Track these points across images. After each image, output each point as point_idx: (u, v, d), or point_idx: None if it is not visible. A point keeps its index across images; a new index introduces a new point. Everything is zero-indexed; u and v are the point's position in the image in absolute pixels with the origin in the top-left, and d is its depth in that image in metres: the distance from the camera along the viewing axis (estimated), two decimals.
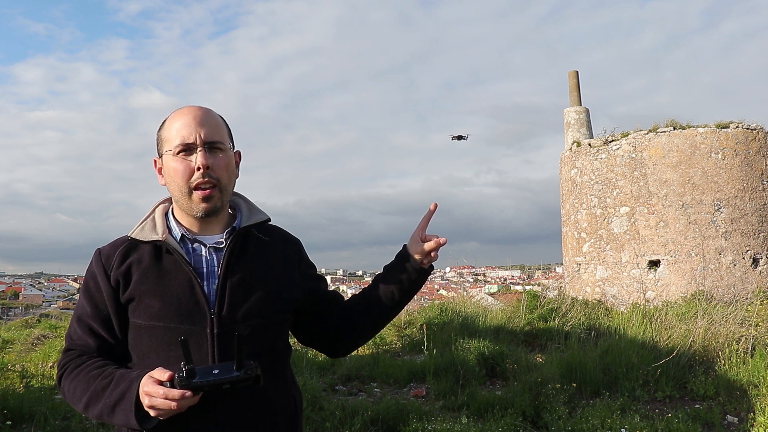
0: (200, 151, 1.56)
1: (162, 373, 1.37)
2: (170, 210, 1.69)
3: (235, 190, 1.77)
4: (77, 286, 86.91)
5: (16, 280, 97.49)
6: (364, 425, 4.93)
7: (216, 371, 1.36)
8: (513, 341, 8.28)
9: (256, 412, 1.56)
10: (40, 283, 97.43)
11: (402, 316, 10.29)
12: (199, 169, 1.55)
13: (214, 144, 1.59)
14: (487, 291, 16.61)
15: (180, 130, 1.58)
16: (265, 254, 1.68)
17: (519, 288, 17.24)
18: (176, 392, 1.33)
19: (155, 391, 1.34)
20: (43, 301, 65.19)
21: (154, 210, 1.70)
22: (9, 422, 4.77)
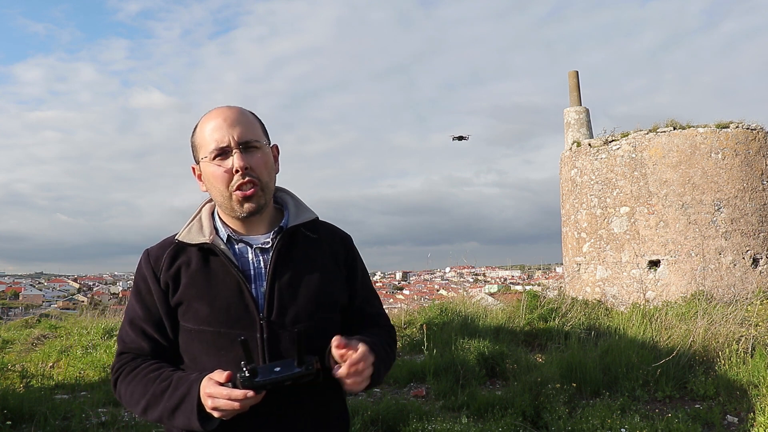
0: (236, 152, 1.53)
1: (221, 375, 1.37)
2: (216, 210, 1.67)
3: (282, 186, 1.75)
4: (77, 286, 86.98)
5: (16, 280, 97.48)
6: (364, 425, 4.93)
7: (277, 369, 1.36)
8: (513, 341, 8.28)
9: (310, 414, 1.54)
10: (40, 283, 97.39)
11: (402, 316, 10.29)
12: (237, 171, 1.52)
13: (249, 143, 1.56)
14: (487, 291, 16.60)
15: (212, 134, 1.55)
16: (313, 253, 1.64)
17: (519, 288, 17.24)
18: (239, 392, 1.33)
19: (218, 392, 1.34)
20: (43, 301, 65.17)
21: (200, 210, 1.67)
22: (9, 422, 4.76)
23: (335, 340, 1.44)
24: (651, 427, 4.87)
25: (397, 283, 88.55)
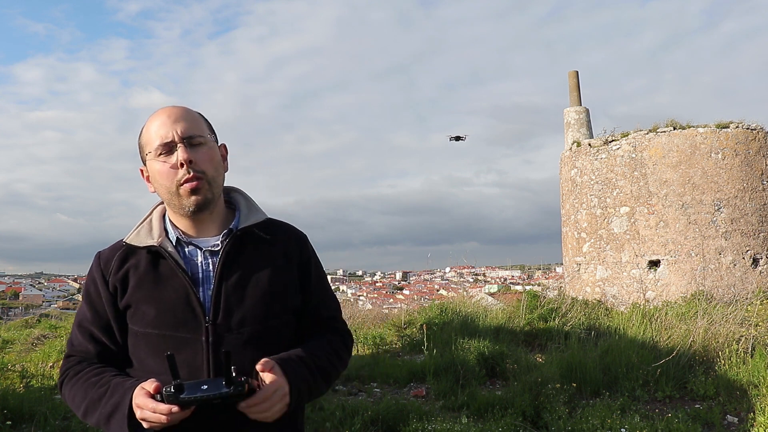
0: (180, 146, 1.52)
1: (150, 384, 1.37)
2: (167, 212, 1.66)
3: (235, 186, 1.74)
4: (77, 286, 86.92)
5: (16, 280, 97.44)
6: (364, 425, 4.93)
7: (204, 387, 1.34)
8: (513, 341, 8.28)
9: (251, 423, 1.49)
10: (40, 283, 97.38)
11: (402, 316, 10.29)
12: (182, 165, 1.52)
13: (193, 138, 1.55)
14: (487, 291, 16.60)
15: (157, 131, 1.54)
16: (265, 255, 1.62)
17: (519, 288, 17.24)
18: (164, 407, 1.32)
19: (144, 403, 1.34)
20: (43, 301, 65.16)
21: (151, 212, 1.67)
22: (9, 422, 4.76)
23: (260, 365, 1.42)
24: (651, 427, 4.87)
25: (397, 283, 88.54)
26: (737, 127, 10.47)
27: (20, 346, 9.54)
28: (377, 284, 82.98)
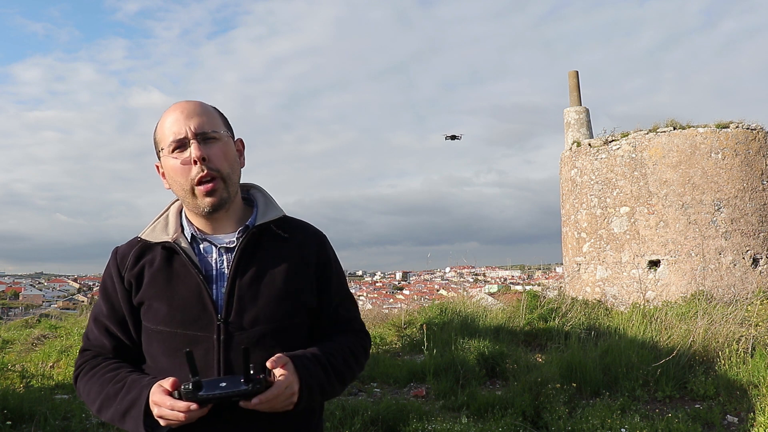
0: (193, 143, 1.50)
1: (167, 381, 1.36)
2: (184, 208, 1.64)
3: (255, 183, 1.72)
4: (77, 286, 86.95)
5: (16, 280, 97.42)
6: (364, 425, 4.93)
7: (223, 384, 1.33)
8: (513, 341, 8.28)
9: (265, 421, 1.49)
10: (40, 283, 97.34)
11: (402, 316, 10.29)
12: (195, 162, 1.49)
13: (207, 134, 1.52)
14: (487, 291, 16.60)
15: (171, 127, 1.52)
16: (281, 253, 1.59)
17: (519, 288, 17.23)
18: (182, 404, 1.31)
19: (162, 401, 1.33)
20: (43, 301, 65.12)
21: (168, 208, 1.65)
22: (9, 422, 4.76)
23: (271, 361, 1.40)
24: (651, 427, 4.87)
25: (397, 283, 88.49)
26: (737, 127, 10.47)
27: (20, 346, 9.53)
28: (377, 284, 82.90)
